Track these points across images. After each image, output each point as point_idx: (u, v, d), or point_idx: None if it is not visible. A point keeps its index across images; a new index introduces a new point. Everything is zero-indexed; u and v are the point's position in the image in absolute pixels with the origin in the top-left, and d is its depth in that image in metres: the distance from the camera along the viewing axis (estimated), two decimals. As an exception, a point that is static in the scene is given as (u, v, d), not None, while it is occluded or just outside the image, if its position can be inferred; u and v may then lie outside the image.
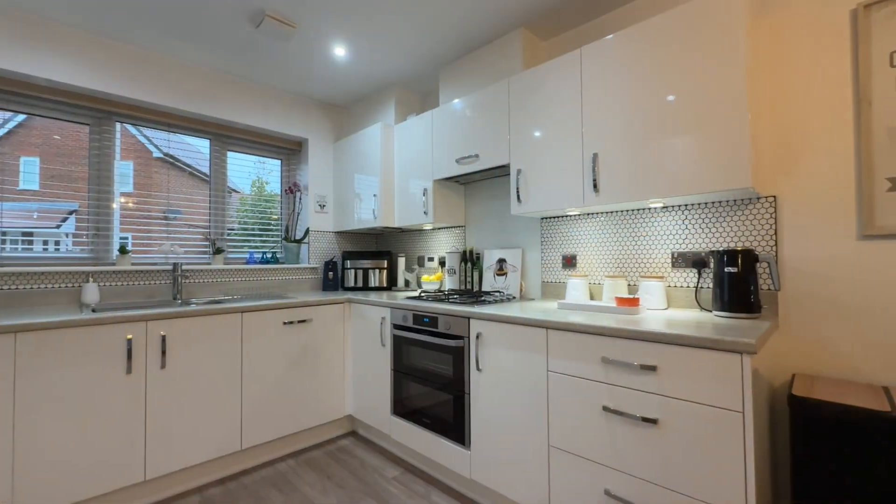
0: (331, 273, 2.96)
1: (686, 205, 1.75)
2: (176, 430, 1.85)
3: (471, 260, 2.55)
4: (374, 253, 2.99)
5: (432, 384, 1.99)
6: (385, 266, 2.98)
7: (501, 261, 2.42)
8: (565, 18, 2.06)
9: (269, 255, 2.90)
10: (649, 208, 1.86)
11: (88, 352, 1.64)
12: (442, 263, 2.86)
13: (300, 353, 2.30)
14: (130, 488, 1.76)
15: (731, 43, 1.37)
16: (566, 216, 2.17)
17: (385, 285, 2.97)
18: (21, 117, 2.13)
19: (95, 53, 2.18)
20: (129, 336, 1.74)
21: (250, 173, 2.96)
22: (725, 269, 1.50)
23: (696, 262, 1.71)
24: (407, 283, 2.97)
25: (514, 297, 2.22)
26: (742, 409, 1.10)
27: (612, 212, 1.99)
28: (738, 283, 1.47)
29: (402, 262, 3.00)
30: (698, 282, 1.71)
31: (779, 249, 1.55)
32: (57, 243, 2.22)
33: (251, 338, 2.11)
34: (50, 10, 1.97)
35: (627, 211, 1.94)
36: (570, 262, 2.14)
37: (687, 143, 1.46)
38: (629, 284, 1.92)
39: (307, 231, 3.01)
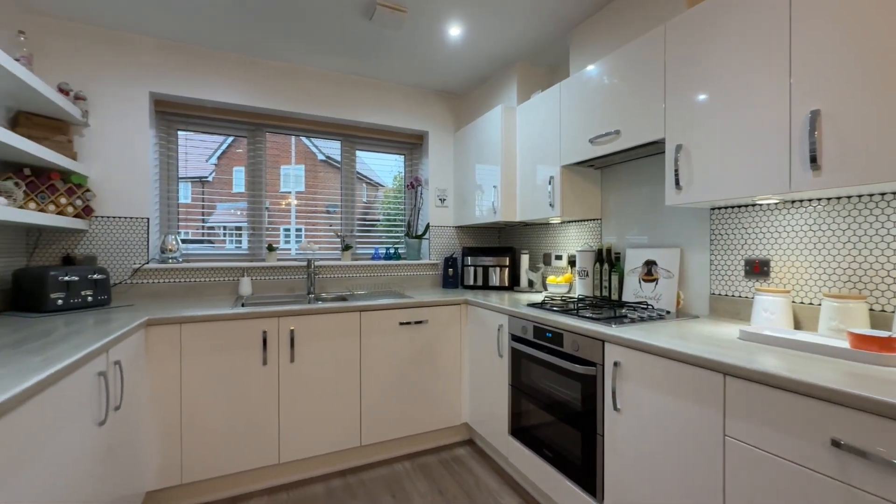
0: (450, 270, 2.84)
1: None
2: (304, 420, 1.96)
3: (608, 261, 2.10)
4: (495, 249, 2.76)
5: (556, 413, 1.67)
6: (507, 264, 2.73)
7: (650, 263, 1.91)
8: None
9: (391, 251, 2.94)
10: (919, 190, 1.16)
11: (233, 343, 1.83)
12: (572, 263, 2.45)
13: (416, 354, 2.23)
14: (267, 468, 1.93)
15: None
16: (754, 206, 1.55)
17: (507, 285, 2.72)
18: (231, 138, 2.60)
19: (245, 73, 2.44)
20: (265, 330, 1.88)
21: (392, 168, 3.05)
22: None
23: None
24: (531, 283, 2.66)
25: (667, 313, 1.72)
26: None
27: (835, 198, 1.32)
28: None
29: (525, 259, 2.69)
30: None
31: None
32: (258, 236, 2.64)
33: (369, 336, 2.11)
34: (207, 39, 2.24)
35: (865, 196, 1.25)
36: (758, 269, 1.53)
37: None
38: (872, 311, 1.25)
39: (427, 226, 2.95)
